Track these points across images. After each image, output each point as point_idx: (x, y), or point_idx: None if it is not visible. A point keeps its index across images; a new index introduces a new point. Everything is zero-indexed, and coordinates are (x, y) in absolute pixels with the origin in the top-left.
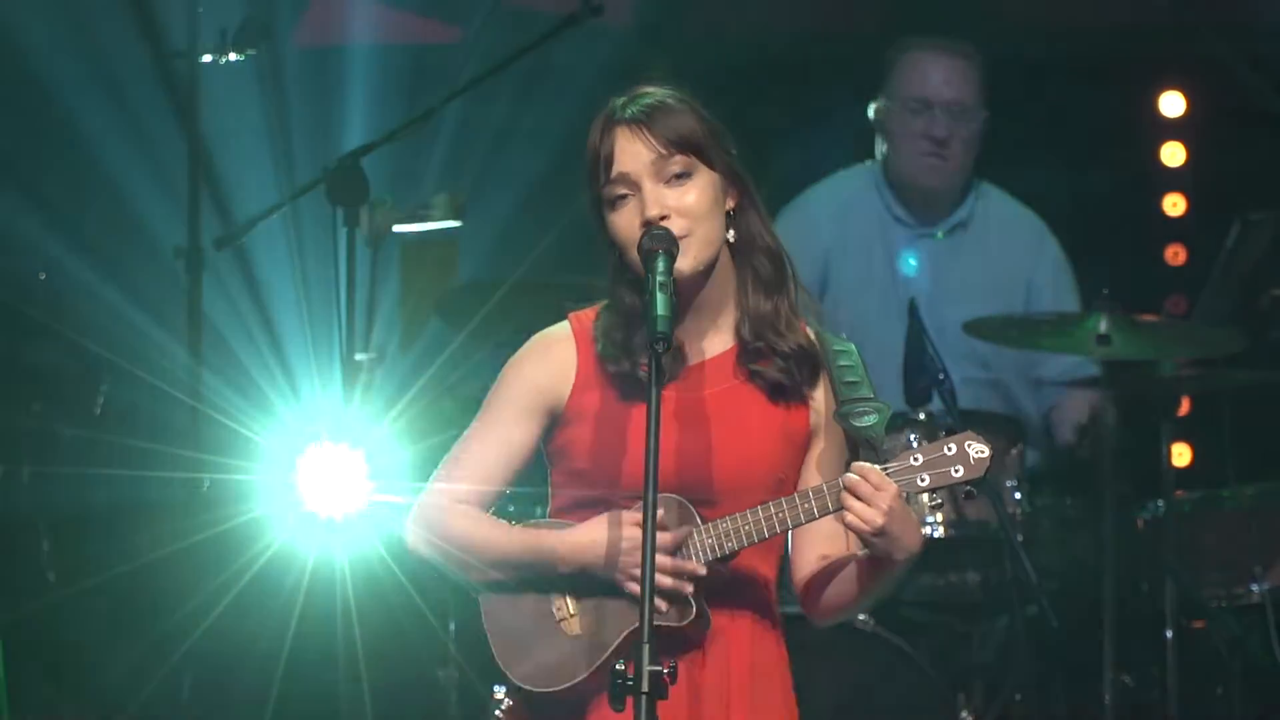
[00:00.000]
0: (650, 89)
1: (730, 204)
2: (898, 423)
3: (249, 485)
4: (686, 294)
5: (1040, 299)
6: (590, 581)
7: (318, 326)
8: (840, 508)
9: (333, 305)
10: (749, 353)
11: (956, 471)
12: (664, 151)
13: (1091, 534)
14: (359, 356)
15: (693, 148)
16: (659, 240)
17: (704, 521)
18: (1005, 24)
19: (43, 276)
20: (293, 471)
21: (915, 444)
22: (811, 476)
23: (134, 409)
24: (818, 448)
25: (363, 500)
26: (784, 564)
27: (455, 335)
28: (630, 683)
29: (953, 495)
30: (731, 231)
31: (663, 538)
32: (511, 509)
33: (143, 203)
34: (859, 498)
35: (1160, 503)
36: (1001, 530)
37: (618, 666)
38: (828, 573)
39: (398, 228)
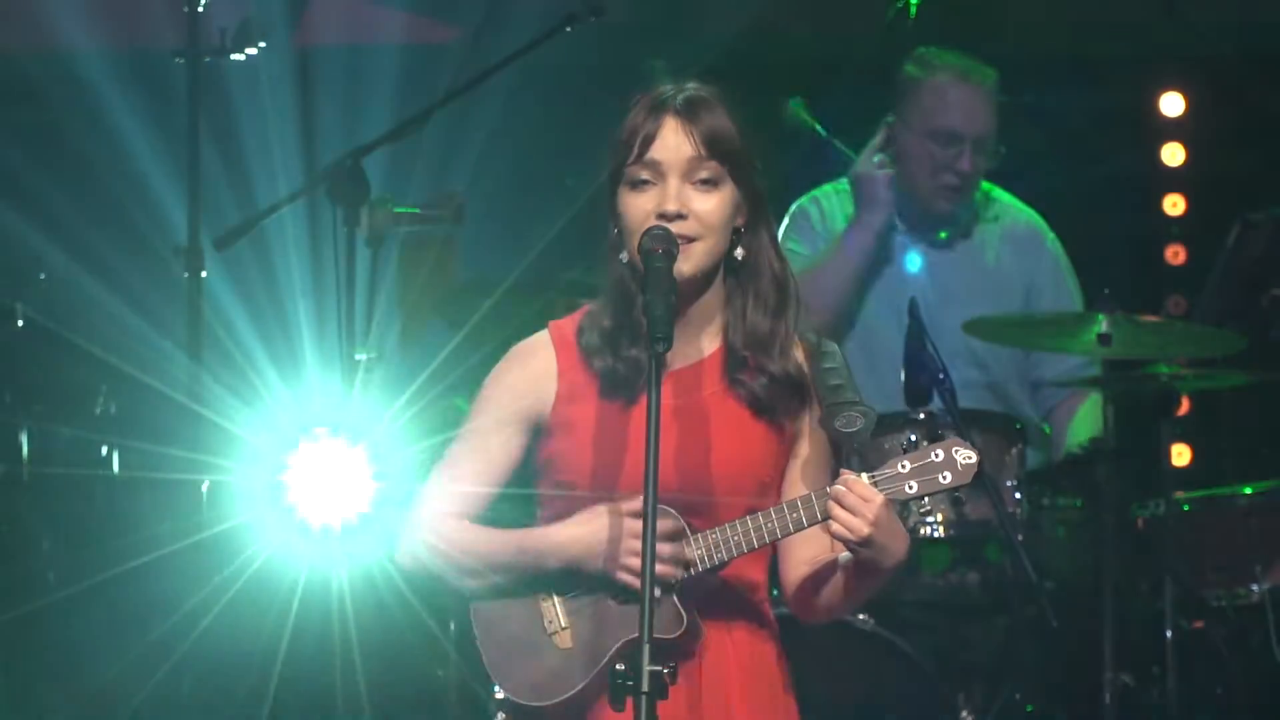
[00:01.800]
0: (703, 88)
1: (740, 221)
2: (898, 422)
3: (252, 482)
4: (680, 298)
5: (1040, 301)
6: (581, 584)
7: (318, 325)
8: (827, 517)
9: (333, 304)
10: (735, 360)
11: (944, 478)
12: (701, 153)
13: (1091, 534)
14: (359, 356)
15: (728, 157)
16: (659, 240)
17: (692, 530)
18: (1005, 24)
19: (42, 277)
20: (282, 471)
21: (903, 449)
22: (795, 482)
23: (134, 409)
24: (801, 452)
25: (365, 502)
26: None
27: (455, 335)
28: (630, 683)
29: (950, 495)
30: (740, 250)
31: (638, 526)
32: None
33: (143, 202)
34: (845, 508)
35: (1160, 503)
36: (1001, 530)
37: (618, 667)
38: (817, 577)
39: (398, 228)
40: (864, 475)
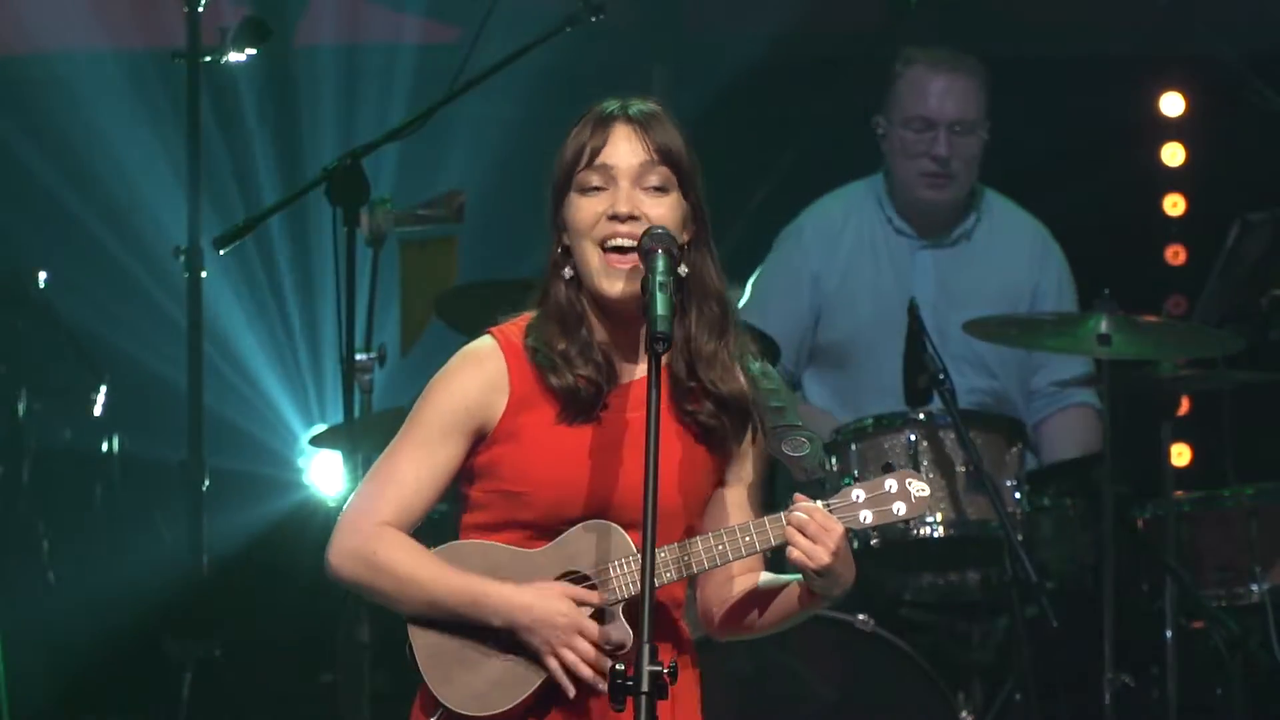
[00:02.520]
0: (649, 101)
1: (686, 237)
2: (897, 422)
3: (253, 483)
4: (627, 311)
5: (1044, 307)
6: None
7: (318, 326)
8: (782, 543)
9: (333, 305)
10: (680, 389)
11: (898, 509)
12: (653, 159)
13: (1091, 534)
14: (359, 356)
15: (677, 167)
16: (659, 240)
17: (634, 547)
18: (1005, 24)
19: (43, 277)
20: (302, 469)
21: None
22: (737, 504)
23: (133, 409)
24: (741, 475)
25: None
26: None
27: (455, 335)
28: (630, 683)
29: (954, 499)
30: (683, 266)
31: (589, 627)
32: (444, 507)
33: (143, 203)
34: (808, 536)
35: (1160, 503)
36: (1001, 530)
37: (617, 667)
38: (747, 599)
39: (398, 228)
40: (819, 503)
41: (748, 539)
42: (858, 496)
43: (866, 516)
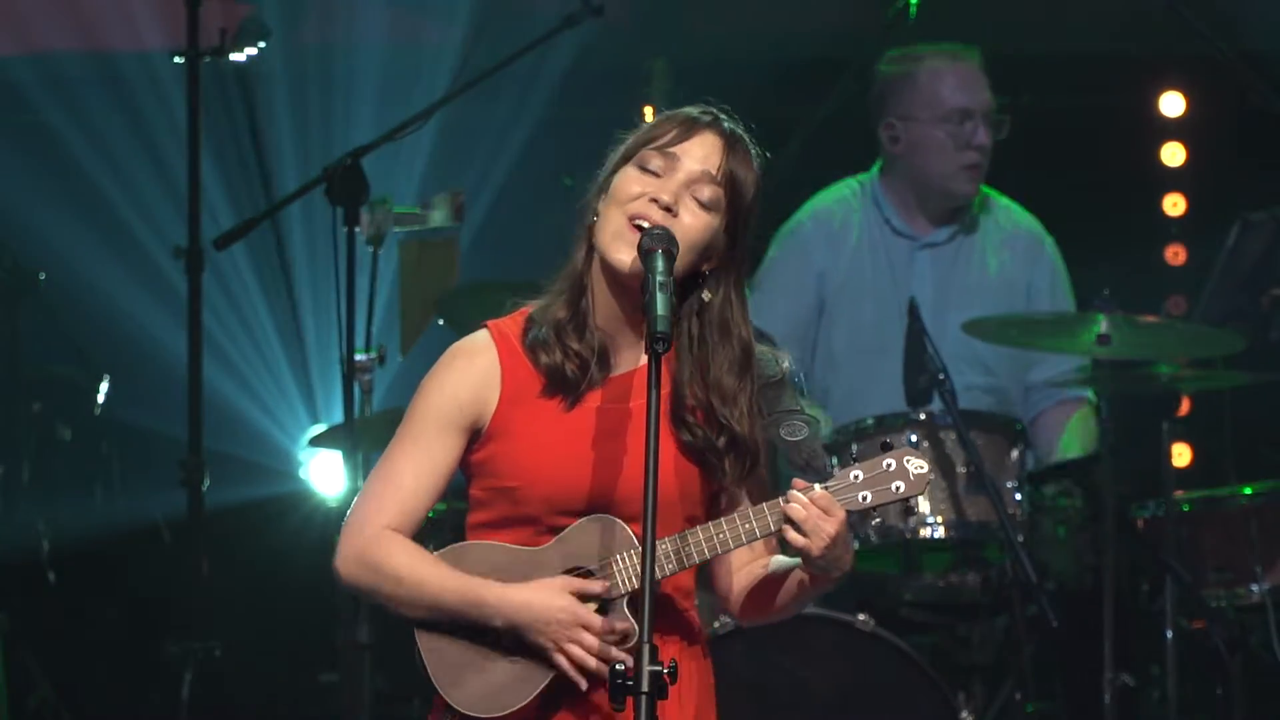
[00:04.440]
0: (748, 135)
1: (710, 265)
2: (898, 423)
3: (253, 481)
4: (632, 294)
5: (1038, 302)
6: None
7: (318, 325)
8: (781, 528)
9: (333, 304)
10: (680, 396)
11: (897, 488)
12: (716, 176)
13: (1091, 534)
14: (359, 356)
15: (735, 197)
16: (658, 240)
17: (636, 539)
18: (1006, 23)
19: (43, 276)
20: (302, 468)
21: (853, 459)
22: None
23: (133, 409)
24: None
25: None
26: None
27: (455, 335)
28: (630, 683)
29: (954, 499)
30: (707, 293)
31: (592, 619)
32: (441, 505)
33: (143, 203)
34: (805, 520)
35: (1160, 503)
36: (1001, 530)
37: (617, 666)
38: (762, 585)
39: (398, 228)
40: (818, 486)
41: (747, 526)
42: (856, 477)
43: (866, 496)
